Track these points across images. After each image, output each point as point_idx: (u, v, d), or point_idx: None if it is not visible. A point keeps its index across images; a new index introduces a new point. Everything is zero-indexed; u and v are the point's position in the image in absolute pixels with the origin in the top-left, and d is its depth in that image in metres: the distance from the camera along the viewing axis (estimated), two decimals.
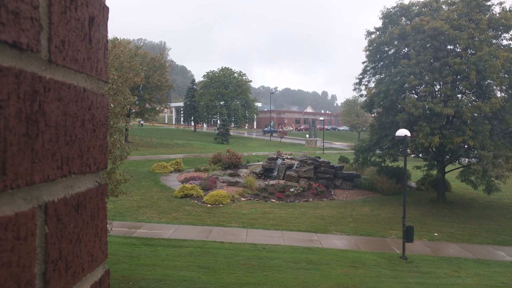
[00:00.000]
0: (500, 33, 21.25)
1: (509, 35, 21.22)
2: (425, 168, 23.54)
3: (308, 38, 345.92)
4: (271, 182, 23.31)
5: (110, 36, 37.66)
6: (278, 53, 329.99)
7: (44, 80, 0.50)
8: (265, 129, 76.18)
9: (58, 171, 0.53)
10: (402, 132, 15.01)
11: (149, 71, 41.50)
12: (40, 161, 0.48)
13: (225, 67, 65.40)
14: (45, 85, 0.50)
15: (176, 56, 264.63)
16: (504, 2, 21.27)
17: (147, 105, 43.22)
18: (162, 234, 14.56)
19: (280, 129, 62.97)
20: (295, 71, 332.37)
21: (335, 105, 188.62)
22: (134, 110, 41.75)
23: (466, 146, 21.36)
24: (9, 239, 0.43)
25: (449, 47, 21.40)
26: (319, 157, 26.71)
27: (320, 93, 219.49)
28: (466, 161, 22.32)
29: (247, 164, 29.13)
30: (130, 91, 10.77)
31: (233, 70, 65.39)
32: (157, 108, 44.79)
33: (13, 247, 0.43)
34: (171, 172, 26.18)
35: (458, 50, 21.04)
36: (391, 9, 24.08)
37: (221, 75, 63.86)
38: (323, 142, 51.08)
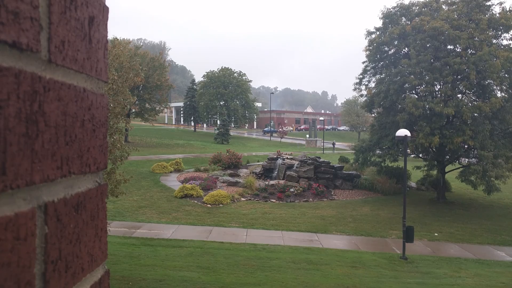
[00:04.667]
0: (500, 33, 21.26)
1: (509, 35, 21.24)
2: (425, 168, 23.55)
3: (308, 38, 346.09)
4: (271, 182, 23.31)
5: (110, 36, 37.66)
6: (278, 53, 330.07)
7: (44, 80, 0.50)
8: (265, 129, 76.10)
9: (58, 171, 0.53)
10: (402, 132, 15.01)
11: (149, 71, 41.50)
12: (40, 161, 0.48)
13: (225, 67, 65.35)
14: (45, 85, 0.50)
15: (176, 56, 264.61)
16: (504, 2, 21.36)
17: (147, 105, 43.23)
18: (162, 234, 14.56)
19: (280, 129, 62.92)
20: (295, 71, 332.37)
21: (335, 105, 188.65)
22: (134, 110, 41.74)
23: (466, 146, 21.37)
24: (9, 239, 0.43)
25: (449, 47, 21.41)
26: (319, 157, 26.70)
27: (320, 93, 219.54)
28: (466, 161, 22.32)
29: (247, 164, 29.13)
30: (130, 91, 10.78)
31: (233, 70, 65.35)
32: (157, 108, 44.78)
33: (13, 247, 0.43)
34: (171, 172, 26.18)
35: (458, 50, 21.04)
36: (391, 9, 24.09)
37: (221, 75, 63.82)
38: (323, 142, 51.07)
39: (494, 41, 21.00)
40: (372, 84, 25.29)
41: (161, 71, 43.92)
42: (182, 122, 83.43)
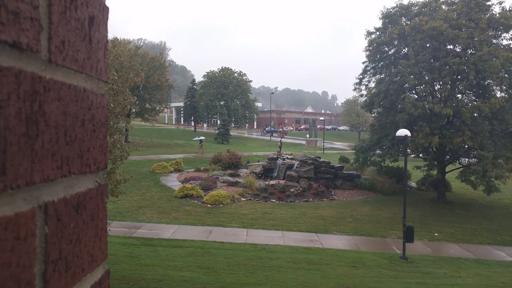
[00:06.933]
0: (500, 32, 21.24)
1: (508, 34, 21.22)
2: (425, 168, 23.55)
3: (308, 38, 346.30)
4: (271, 182, 23.30)
5: (110, 36, 37.61)
6: (278, 52, 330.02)
7: (44, 80, 0.50)
8: (266, 129, 76.09)
9: (58, 171, 0.53)
10: (402, 132, 15.01)
11: (149, 71, 41.51)
12: (40, 161, 0.48)
13: (225, 67, 65.35)
14: (45, 85, 0.50)
15: (176, 56, 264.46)
16: (503, 1, 21.35)
17: (147, 105, 43.22)
18: (162, 234, 14.56)
19: (280, 129, 62.87)
20: (295, 71, 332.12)
21: (335, 105, 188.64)
22: (134, 110, 41.73)
23: (466, 146, 21.37)
24: (9, 239, 0.43)
25: (448, 47, 21.40)
26: (319, 157, 26.69)
27: (320, 93, 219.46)
28: (466, 161, 22.32)
29: (247, 164, 29.12)
30: (130, 91, 10.77)
31: (233, 70, 65.32)
32: (157, 108, 44.78)
33: (13, 247, 0.43)
34: (171, 172, 26.17)
35: (457, 50, 21.04)
36: (391, 9, 24.07)
37: (221, 75, 63.83)
38: (323, 142, 51.06)
39: (494, 41, 20.98)
40: (372, 84, 25.30)
41: (161, 71, 43.94)
42: (182, 122, 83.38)
